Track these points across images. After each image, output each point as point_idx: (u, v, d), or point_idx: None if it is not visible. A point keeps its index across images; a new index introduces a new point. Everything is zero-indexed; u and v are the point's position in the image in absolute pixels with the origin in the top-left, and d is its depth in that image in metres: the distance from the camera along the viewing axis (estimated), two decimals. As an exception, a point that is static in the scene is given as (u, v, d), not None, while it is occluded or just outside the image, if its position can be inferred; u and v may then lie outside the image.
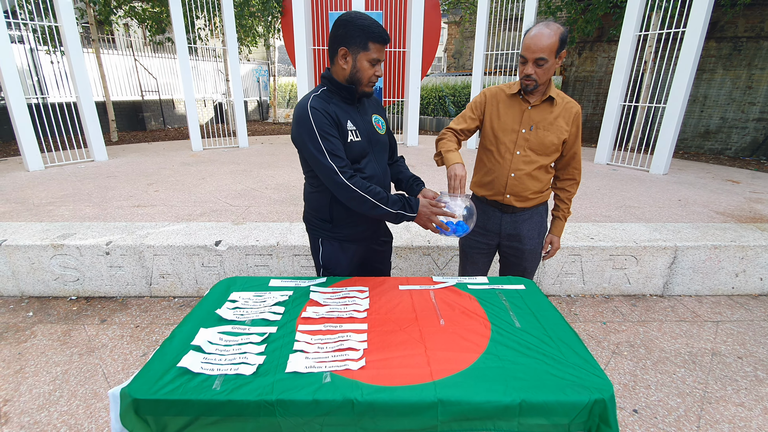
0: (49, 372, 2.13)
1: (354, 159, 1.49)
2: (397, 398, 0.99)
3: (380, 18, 6.65)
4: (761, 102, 7.81)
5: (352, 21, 1.37)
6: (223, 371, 1.06)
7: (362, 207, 1.44)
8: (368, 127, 1.55)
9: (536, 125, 1.68)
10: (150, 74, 11.56)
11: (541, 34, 1.50)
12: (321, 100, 1.45)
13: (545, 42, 1.49)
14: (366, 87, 1.47)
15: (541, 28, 1.52)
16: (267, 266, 2.85)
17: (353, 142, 1.48)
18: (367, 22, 1.37)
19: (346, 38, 1.39)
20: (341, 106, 1.48)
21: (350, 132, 1.47)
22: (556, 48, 1.51)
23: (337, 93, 1.48)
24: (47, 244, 2.73)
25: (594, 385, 1.03)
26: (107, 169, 5.40)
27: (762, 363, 2.25)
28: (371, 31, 1.36)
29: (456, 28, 14.25)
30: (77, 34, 5.41)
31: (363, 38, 1.37)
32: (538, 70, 1.55)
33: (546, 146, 1.69)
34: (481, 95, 1.79)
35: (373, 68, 1.43)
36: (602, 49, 9.63)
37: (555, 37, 1.50)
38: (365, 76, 1.44)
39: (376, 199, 1.42)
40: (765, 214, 3.74)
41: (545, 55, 1.51)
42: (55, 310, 2.73)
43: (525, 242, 1.84)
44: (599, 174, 5.46)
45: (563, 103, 1.69)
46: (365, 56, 1.40)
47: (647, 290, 2.99)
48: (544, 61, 1.53)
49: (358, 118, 1.52)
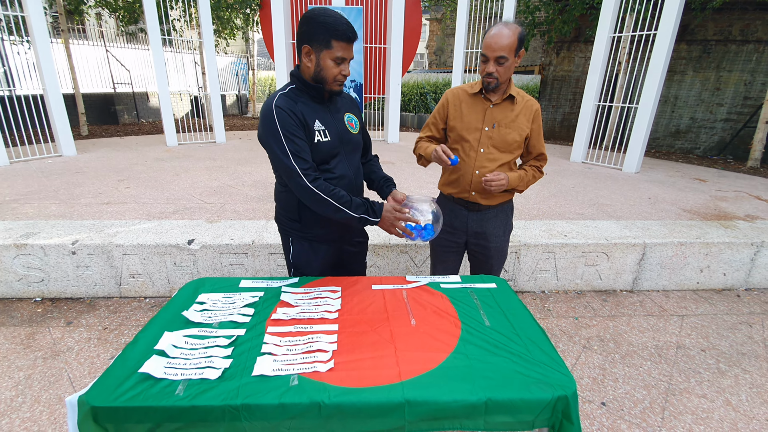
0: (11, 377, 2.05)
1: (323, 159, 1.47)
2: (364, 400, 0.99)
3: (360, 13, 6.59)
4: (728, 103, 8.12)
5: (315, 17, 1.33)
6: (187, 376, 1.03)
7: (326, 210, 1.42)
8: (340, 126, 1.52)
9: (498, 123, 1.73)
10: (123, 66, 11.17)
11: (502, 34, 1.56)
12: (288, 98, 1.41)
13: (505, 41, 1.55)
14: (332, 86, 1.43)
15: (500, 27, 1.57)
16: (242, 265, 2.81)
17: (321, 142, 1.45)
18: (330, 20, 1.33)
19: (309, 35, 1.35)
20: (310, 105, 1.45)
21: (318, 132, 1.44)
22: (516, 47, 1.58)
23: (306, 91, 1.46)
24: (9, 243, 2.62)
25: (558, 382, 1.06)
26: (76, 165, 5.20)
27: (724, 355, 2.35)
28: (334, 28, 1.32)
29: (437, 24, 14.28)
30: (45, 24, 5.18)
31: (326, 36, 1.33)
32: (499, 68, 1.61)
33: (509, 143, 1.74)
34: (444, 97, 1.84)
35: (339, 67, 1.39)
36: (579, 49, 9.82)
37: (514, 36, 1.56)
38: (329, 75, 1.40)
39: (340, 202, 1.41)
40: (729, 211, 3.90)
41: (506, 54, 1.57)
42: (18, 312, 2.62)
43: (491, 240, 1.88)
44: (575, 172, 5.58)
45: (523, 101, 1.75)
46: (328, 54, 1.36)
47: (617, 286, 3.08)
48: (504, 60, 1.59)
49: (328, 117, 1.49)
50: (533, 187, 4.60)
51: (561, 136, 10.56)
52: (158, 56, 6.13)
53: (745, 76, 7.87)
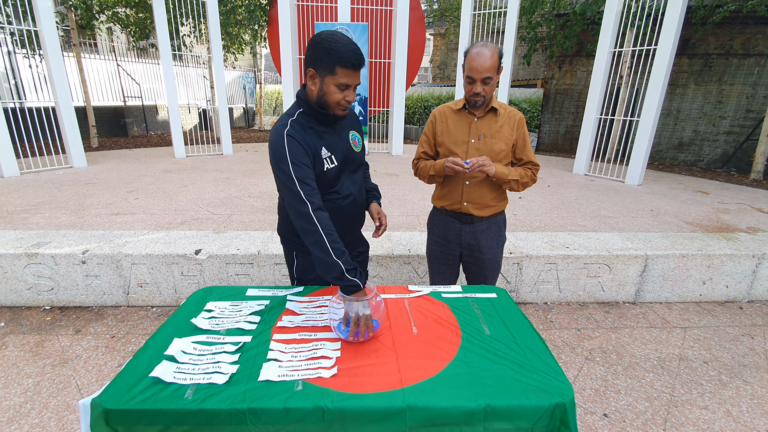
0: (20, 384, 2.09)
1: (330, 183, 1.49)
2: (366, 405, 1.02)
3: (365, 30, 6.75)
4: (731, 116, 8.16)
5: (321, 43, 1.32)
6: (195, 380, 1.07)
7: (311, 242, 1.34)
8: (345, 146, 1.53)
9: (484, 135, 1.81)
10: (133, 79, 11.43)
11: (485, 56, 1.64)
12: (299, 126, 1.41)
13: (489, 63, 1.64)
14: (335, 110, 1.43)
15: (481, 49, 1.65)
16: (248, 275, 2.85)
17: (329, 169, 1.46)
18: (336, 46, 1.30)
19: (315, 60, 1.35)
20: (317, 129, 1.45)
21: (326, 160, 1.45)
22: (497, 65, 1.67)
23: (313, 115, 1.45)
24: (21, 252, 2.68)
25: (555, 389, 1.08)
26: (86, 176, 5.31)
27: (726, 367, 2.35)
28: (339, 55, 1.30)
29: (441, 39, 14.50)
30: (57, 38, 5.34)
31: (330, 62, 1.32)
32: (485, 87, 1.69)
33: (496, 153, 1.81)
34: (431, 116, 1.93)
35: (342, 93, 1.38)
36: (581, 63, 9.94)
37: (495, 56, 1.65)
38: (333, 100, 1.39)
39: (333, 246, 1.31)
40: (731, 224, 3.90)
41: (490, 74, 1.66)
42: (27, 320, 2.67)
43: (484, 251, 1.94)
44: (577, 184, 5.62)
45: (506, 113, 1.82)
46: (332, 80, 1.35)
47: (620, 297, 3.09)
48: (489, 79, 1.67)
49: (334, 140, 1.50)
50: (536, 199, 4.64)
51: (564, 149, 10.62)
52: (168, 71, 6.29)
53: (746, 89, 7.93)
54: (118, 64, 11.07)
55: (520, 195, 4.83)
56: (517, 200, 4.60)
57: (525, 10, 8.20)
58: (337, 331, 1.28)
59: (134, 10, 8.96)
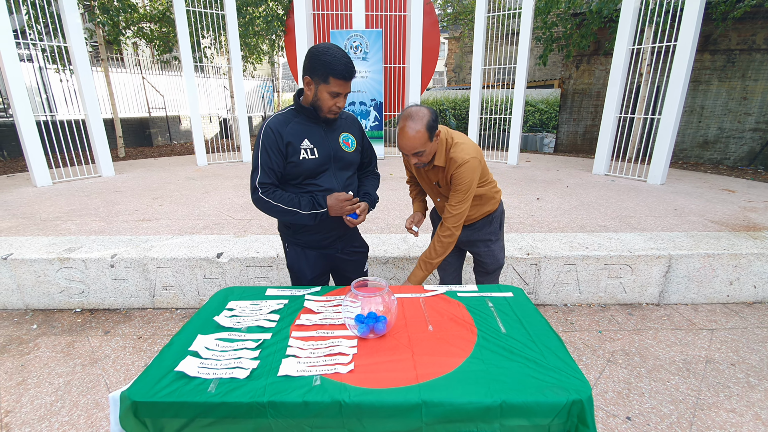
0: (52, 383, 2.18)
1: (309, 174, 1.63)
2: (382, 400, 1.04)
3: (380, 36, 6.82)
4: (756, 112, 7.88)
5: (318, 55, 1.48)
6: (218, 375, 1.11)
7: (284, 216, 1.62)
8: (333, 145, 1.67)
9: (439, 180, 1.90)
10: (157, 91, 11.83)
11: (409, 136, 1.61)
12: (282, 118, 1.60)
13: (415, 142, 1.62)
14: (327, 115, 1.59)
15: (406, 128, 1.61)
16: (267, 277, 2.91)
17: (306, 159, 1.60)
18: (330, 59, 1.46)
19: (311, 69, 1.51)
20: (304, 125, 1.61)
21: (304, 150, 1.60)
22: (427, 137, 1.63)
23: (302, 112, 1.62)
24: (53, 257, 2.81)
25: (572, 386, 1.08)
26: (114, 185, 5.52)
27: (754, 369, 2.26)
28: (332, 67, 1.46)
29: (456, 43, 14.49)
30: (86, 53, 5.59)
31: (324, 72, 1.48)
32: (421, 157, 1.71)
33: None
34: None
35: (333, 100, 1.54)
36: (599, 62, 9.77)
37: (422, 131, 1.60)
38: (325, 106, 1.56)
39: (290, 205, 1.57)
40: (759, 222, 3.76)
41: (419, 149, 1.65)
42: (59, 322, 2.79)
43: (479, 246, 2.10)
44: (597, 184, 5.52)
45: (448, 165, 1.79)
46: (326, 88, 1.51)
47: (643, 299, 3.01)
48: (422, 151, 1.67)
49: (320, 136, 1.64)
50: (554, 200, 4.58)
51: (583, 149, 10.43)
52: (190, 82, 6.50)
53: (773, 84, 7.64)
54: (143, 77, 11.49)
55: (537, 196, 4.78)
56: (534, 201, 4.54)
57: (540, 10, 8.14)
58: (353, 328, 1.31)
59: (158, 25, 9.30)
